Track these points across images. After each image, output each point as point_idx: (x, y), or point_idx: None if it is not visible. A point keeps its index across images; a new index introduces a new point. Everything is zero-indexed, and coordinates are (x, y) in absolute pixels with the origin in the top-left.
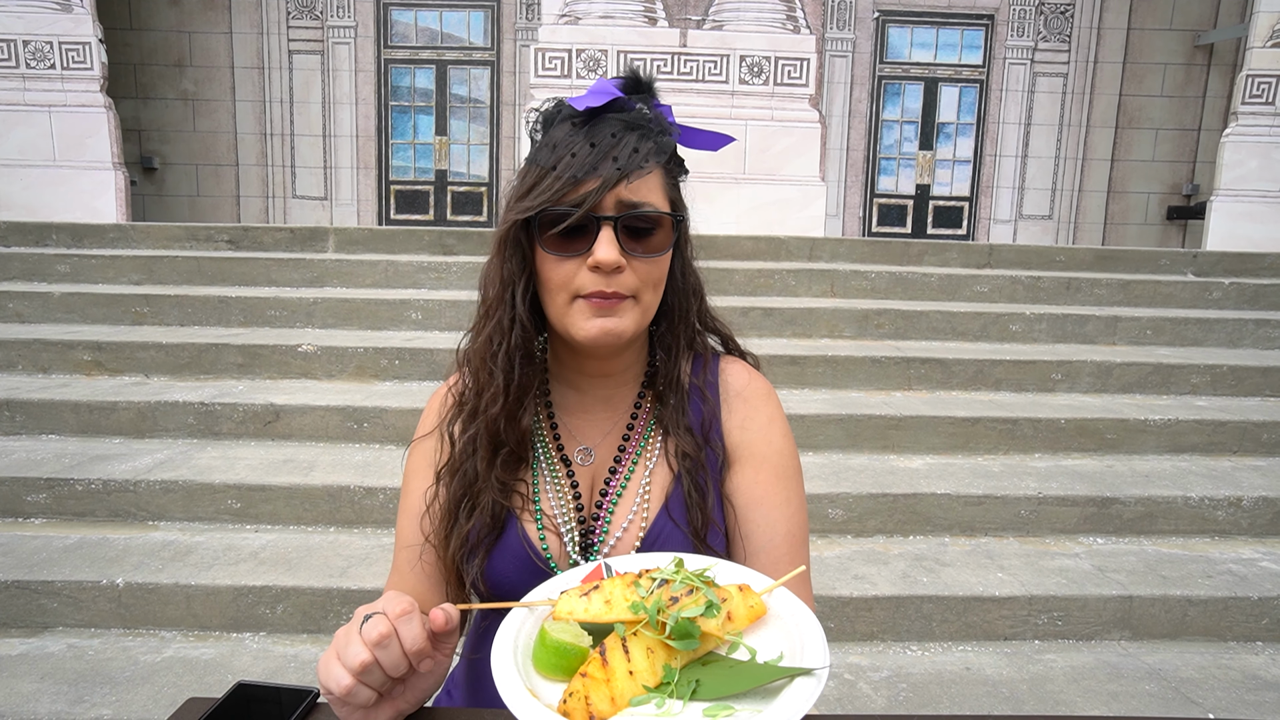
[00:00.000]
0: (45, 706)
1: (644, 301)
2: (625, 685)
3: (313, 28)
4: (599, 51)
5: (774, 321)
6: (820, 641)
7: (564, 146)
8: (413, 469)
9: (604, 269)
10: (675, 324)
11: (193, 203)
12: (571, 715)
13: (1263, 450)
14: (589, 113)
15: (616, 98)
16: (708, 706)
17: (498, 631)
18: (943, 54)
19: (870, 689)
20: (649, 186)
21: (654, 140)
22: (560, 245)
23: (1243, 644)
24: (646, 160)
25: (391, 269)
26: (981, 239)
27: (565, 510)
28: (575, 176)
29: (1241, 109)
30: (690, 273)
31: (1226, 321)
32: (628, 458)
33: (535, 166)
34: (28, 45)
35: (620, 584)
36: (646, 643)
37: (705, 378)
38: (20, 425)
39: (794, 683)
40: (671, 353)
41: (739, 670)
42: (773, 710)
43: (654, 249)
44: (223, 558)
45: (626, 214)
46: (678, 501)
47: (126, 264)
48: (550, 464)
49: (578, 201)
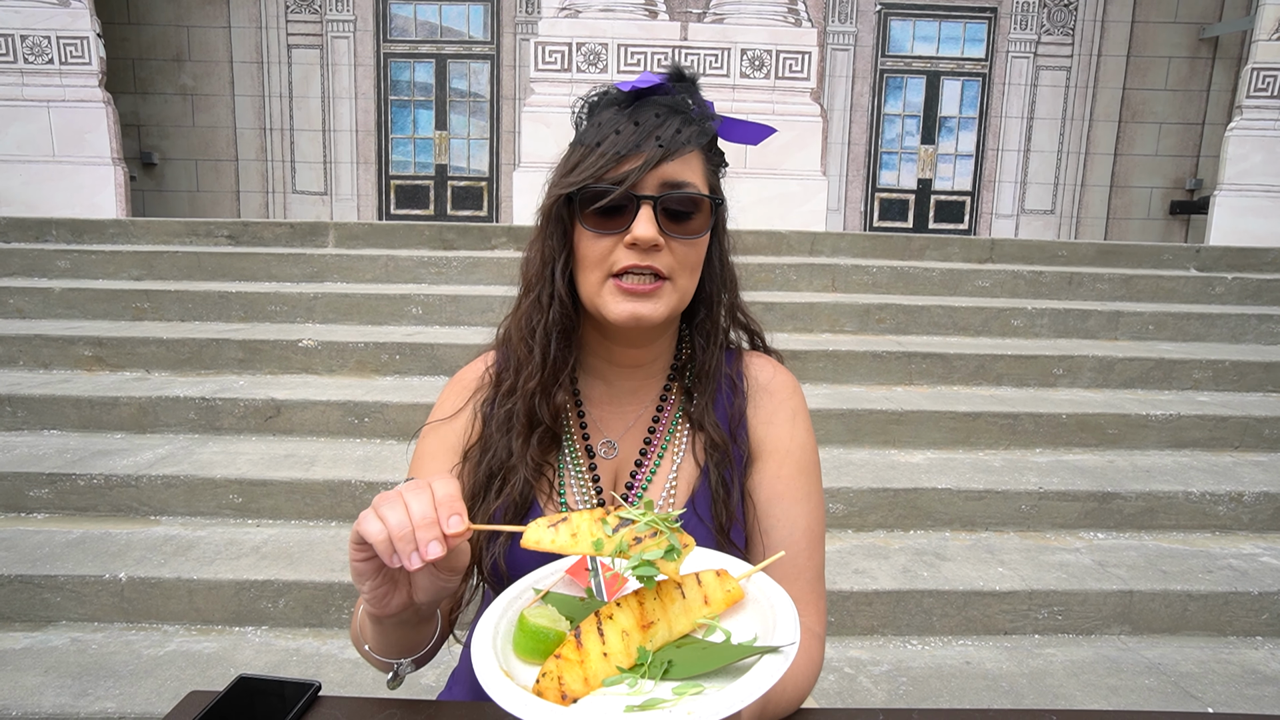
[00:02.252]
0: (49, 700)
1: (679, 285)
2: (599, 666)
3: (311, 22)
4: (599, 45)
5: (775, 316)
6: (791, 621)
7: (609, 125)
8: (425, 452)
9: (641, 245)
10: (715, 312)
11: (192, 198)
12: (545, 694)
13: (1264, 446)
14: (634, 95)
15: (660, 84)
16: (677, 685)
17: (480, 619)
18: (945, 47)
19: (870, 683)
20: (690, 169)
21: (697, 124)
22: (600, 223)
23: (1242, 639)
24: (689, 142)
25: (392, 264)
26: (983, 234)
27: (588, 503)
28: (619, 153)
29: (1246, 103)
30: (728, 264)
31: (1229, 317)
32: (653, 451)
33: (580, 146)
34: (25, 40)
35: (589, 519)
36: (622, 625)
37: (735, 369)
38: (22, 421)
39: (761, 660)
40: (710, 341)
41: (710, 651)
42: (738, 685)
43: (692, 231)
44: (225, 552)
45: (666, 194)
46: (704, 497)
47: (127, 259)
48: (575, 456)
49: (619, 179)
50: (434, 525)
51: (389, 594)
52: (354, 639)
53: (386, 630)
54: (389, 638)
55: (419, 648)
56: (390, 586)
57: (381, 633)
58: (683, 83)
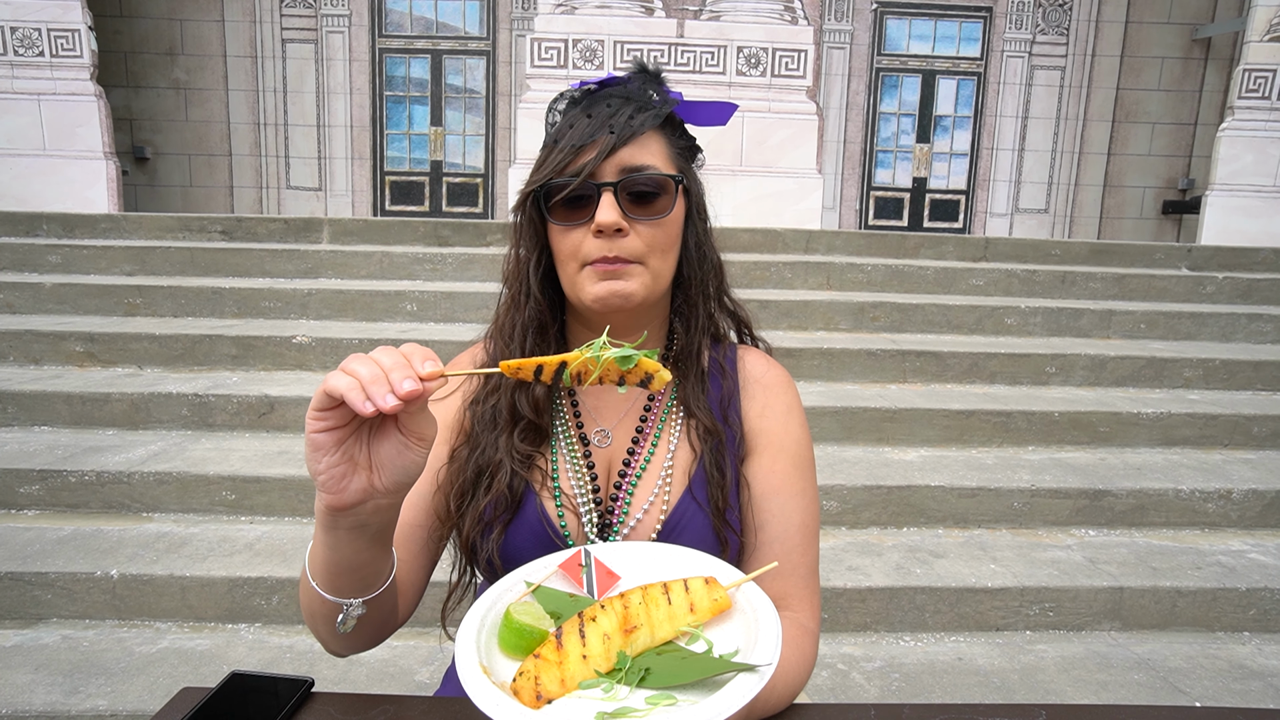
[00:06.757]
0: (40, 698)
1: (652, 267)
2: (577, 668)
3: (306, 16)
4: (595, 42)
5: (770, 314)
6: (773, 640)
7: (565, 122)
8: None
9: (606, 231)
10: (694, 296)
11: (185, 193)
12: (519, 694)
13: (1253, 444)
14: (588, 91)
15: (615, 78)
16: (650, 695)
17: (467, 613)
18: (940, 46)
19: (863, 679)
20: (649, 152)
21: (653, 109)
22: (567, 215)
23: (1230, 634)
24: (643, 126)
25: (386, 260)
26: (978, 232)
27: (584, 491)
28: (575, 145)
29: (1238, 103)
30: (707, 246)
31: (1220, 316)
32: (646, 439)
33: (544, 147)
34: (15, 32)
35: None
36: (604, 629)
37: (725, 356)
38: (12, 417)
39: (737, 678)
40: (690, 326)
41: (689, 661)
42: (710, 702)
43: (657, 211)
44: (218, 549)
45: (626, 178)
46: (700, 481)
47: (119, 254)
48: (570, 444)
49: (578, 171)
50: (407, 368)
51: (348, 474)
52: (302, 589)
53: (340, 543)
54: (342, 556)
55: (370, 583)
56: (349, 465)
57: (334, 548)
58: (645, 75)
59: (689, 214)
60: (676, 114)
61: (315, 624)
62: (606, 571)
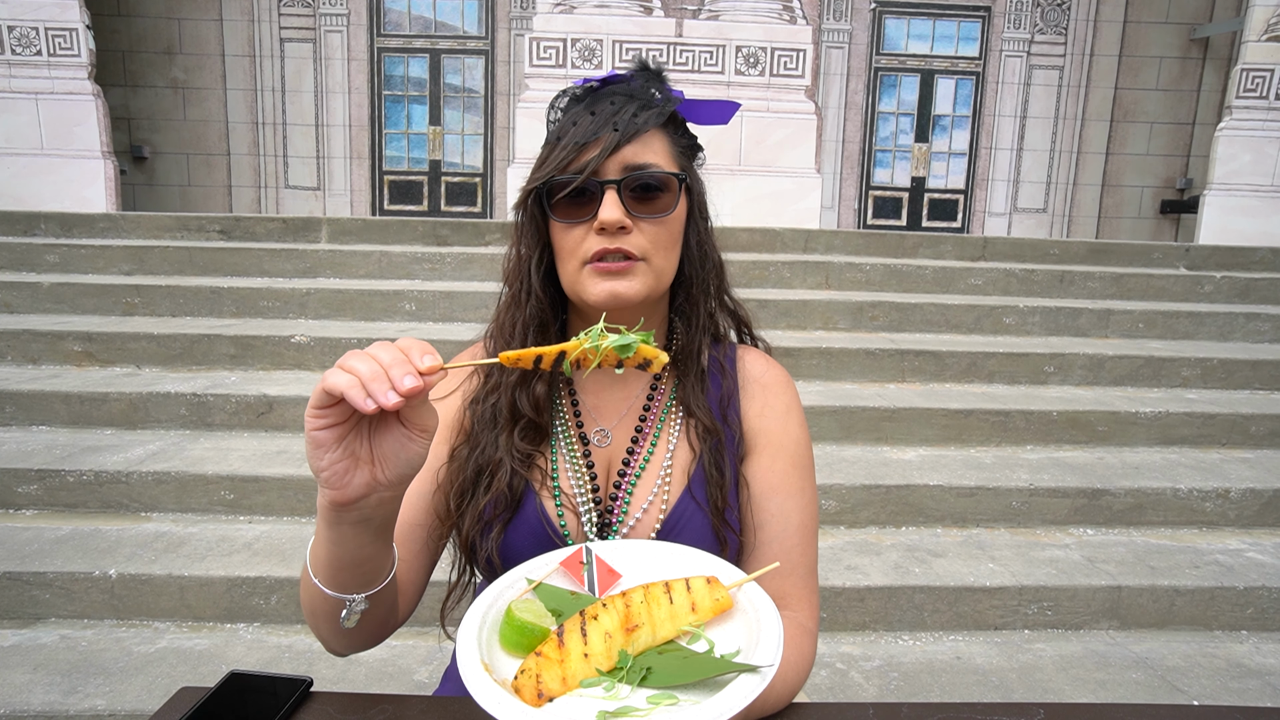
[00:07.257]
0: (38, 697)
1: (655, 265)
2: (579, 667)
3: (304, 15)
4: (594, 41)
5: (769, 313)
6: (774, 641)
7: (568, 119)
8: None
9: (609, 229)
10: (695, 295)
11: (184, 192)
12: (521, 692)
13: (1251, 443)
14: (591, 89)
15: (617, 75)
16: (652, 694)
17: (469, 610)
18: (939, 46)
19: (862, 678)
20: (652, 150)
21: (656, 107)
22: (569, 212)
23: (1228, 633)
24: (646, 124)
25: (385, 260)
26: (976, 232)
27: (583, 490)
28: (578, 143)
29: (1236, 103)
30: (708, 245)
31: (1217, 315)
32: (646, 438)
33: (546, 144)
34: (12, 31)
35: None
36: (606, 627)
37: (724, 356)
38: (10, 416)
39: (738, 678)
40: (691, 325)
41: (690, 661)
42: (711, 703)
43: (660, 209)
44: (216, 549)
45: (629, 175)
46: (699, 481)
47: (117, 254)
48: (569, 443)
49: (581, 168)
50: (406, 363)
51: (350, 469)
52: (303, 587)
53: (343, 538)
54: (345, 551)
55: (373, 577)
56: (351, 461)
57: (337, 544)
58: (647, 73)
59: (691, 212)
60: (679, 112)
61: (317, 622)
62: (608, 569)
